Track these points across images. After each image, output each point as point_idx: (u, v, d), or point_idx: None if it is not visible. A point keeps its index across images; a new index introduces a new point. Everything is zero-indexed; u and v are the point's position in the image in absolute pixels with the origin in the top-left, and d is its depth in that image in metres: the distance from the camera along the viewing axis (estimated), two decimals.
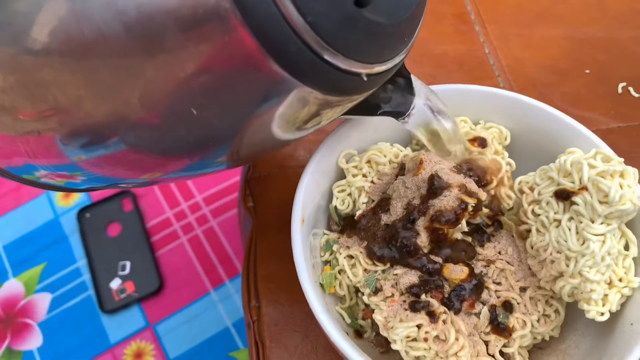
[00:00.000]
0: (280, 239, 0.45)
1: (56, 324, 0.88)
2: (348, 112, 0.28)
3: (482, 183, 0.35)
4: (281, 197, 0.46)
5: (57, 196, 0.99)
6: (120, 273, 0.91)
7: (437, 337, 0.30)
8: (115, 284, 0.90)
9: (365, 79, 0.22)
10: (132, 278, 0.90)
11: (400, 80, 0.31)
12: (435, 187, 0.32)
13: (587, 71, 0.50)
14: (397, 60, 0.23)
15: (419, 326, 0.30)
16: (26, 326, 0.88)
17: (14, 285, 0.92)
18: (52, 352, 0.86)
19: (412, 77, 0.32)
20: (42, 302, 0.90)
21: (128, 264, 0.92)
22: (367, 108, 0.30)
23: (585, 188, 0.31)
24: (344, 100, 0.24)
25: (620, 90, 0.49)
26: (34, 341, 0.87)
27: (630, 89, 0.49)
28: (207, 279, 0.90)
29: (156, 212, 0.96)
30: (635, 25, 0.53)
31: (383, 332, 0.31)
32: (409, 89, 0.31)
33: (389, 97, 0.31)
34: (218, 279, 0.90)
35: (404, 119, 0.32)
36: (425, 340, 0.30)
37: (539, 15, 0.55)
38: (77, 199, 0.99)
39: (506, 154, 0.37)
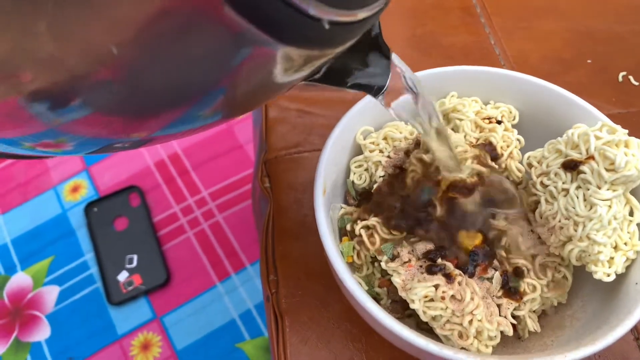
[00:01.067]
0: (296, 219, 0.47)
1: (64, 316, 0.89)
2: (319, 80, 0.26)
3: (493, 157, 0.37)
4: (296, 179, 0.48)
5: (65, 191, 1.01)
6: (128, 266, 0.92)
7: (453, 296, 0.32)
8: (122, 276, 0.91)
9: (327, 27, 0.19)
10: (139, 271, 0.91)
11: (378, 55, 0.28)
12: None
13: (589, 61, 0.53)
14: (363, 13, 0.20)
15: (436, 286, 0.32)
16: (34, 318, 0.89)
17: (22, 279, 0.93)
18: (60, 343, 0.87)
19: (393, 55, 0.29)
20: (50, 294, 0.91)
21: (135, 257, 0.93)
22: (338, 77, 0.28)
23: (592, 157, 0.33)
24: (308, 57, 0.21)
25: (620, 79, 0.51)
26: (42, 333, 0.88)
27: (630, 77, 0.51)
28: (213, 272, 0.91)
29: (163, 207, 0.98)
30: (634, 20, 0.56)
31: (402, 294, 0.33)
32: (386, 64, 0.29)
33: (363, 70, 0.28)
34: (224, 272, 0.91)
35: (379, 95, 0.29)
36: (443, 299, 0.32)
37: (541, 9, 0.57)
38: (85, 194, 1.00)
39: (515, 131, 0.39)
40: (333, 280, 0.39)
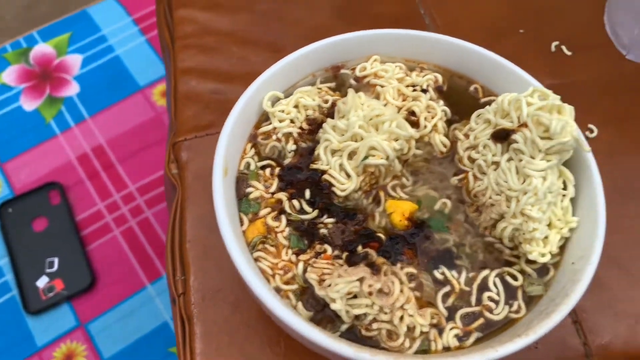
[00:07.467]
0: (209, 207, 0.41)
1: None
2: None
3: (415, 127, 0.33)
4: (208, 163, 0.43)
5: None
6: (48, 270, 0.84)
7: (380, 290, 0.28)
8: (42, 282, 0.83)
9: None
10: (61, 275, 0.84)
11: None
12: None
13: (521, 31, 0.50)
14: None
15: (360, 280, 0.27)
16: None
17: None
18: None
19: None
20: None
21: (56, 260, 0.85)
22: None
23: (524, 125, 0.29)
24: None
25: (553, 49, 0.48)
26: None
27: (563, 47, 0.48)
28: (142, 272, 0.85)
29: (86, 204, 0.90)
30: None
31: (320, 292, 0.28)
32: None
33: None
34: (155, 272, 0.85)
35: None
36: (370, 294, 0.27)
37: None
38: None
39: (441, 102, 0.35)
40: None
